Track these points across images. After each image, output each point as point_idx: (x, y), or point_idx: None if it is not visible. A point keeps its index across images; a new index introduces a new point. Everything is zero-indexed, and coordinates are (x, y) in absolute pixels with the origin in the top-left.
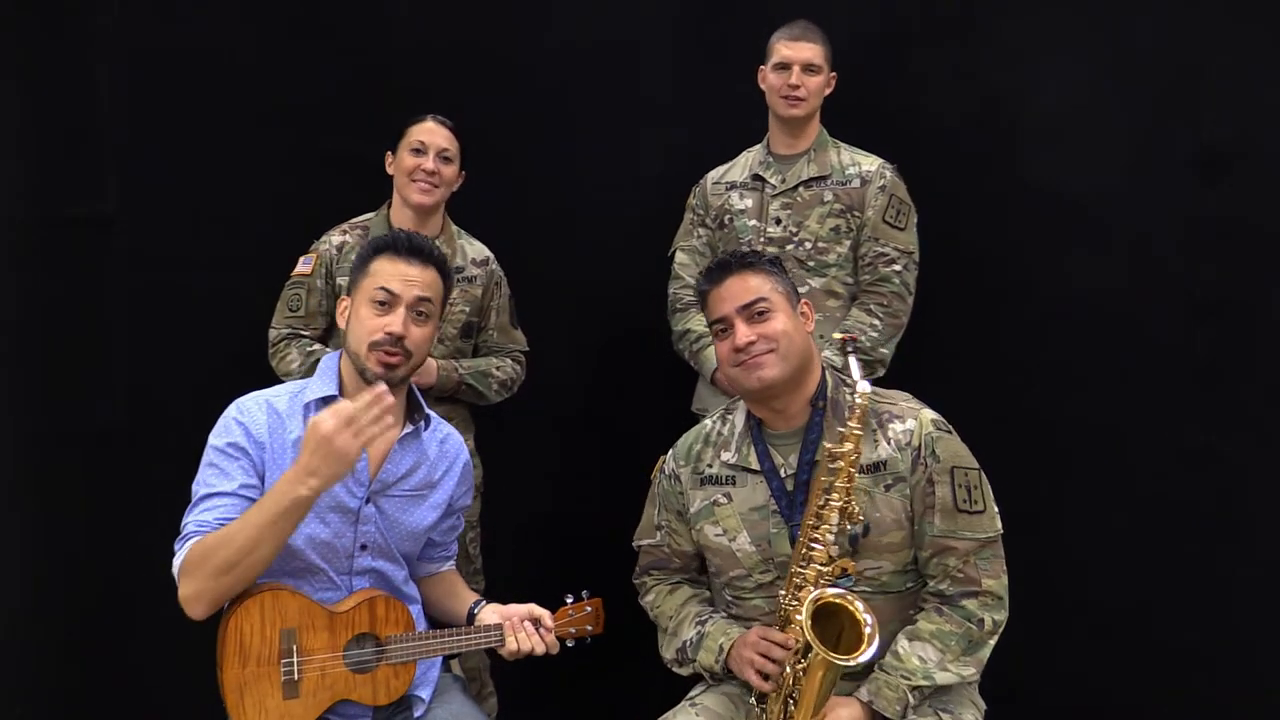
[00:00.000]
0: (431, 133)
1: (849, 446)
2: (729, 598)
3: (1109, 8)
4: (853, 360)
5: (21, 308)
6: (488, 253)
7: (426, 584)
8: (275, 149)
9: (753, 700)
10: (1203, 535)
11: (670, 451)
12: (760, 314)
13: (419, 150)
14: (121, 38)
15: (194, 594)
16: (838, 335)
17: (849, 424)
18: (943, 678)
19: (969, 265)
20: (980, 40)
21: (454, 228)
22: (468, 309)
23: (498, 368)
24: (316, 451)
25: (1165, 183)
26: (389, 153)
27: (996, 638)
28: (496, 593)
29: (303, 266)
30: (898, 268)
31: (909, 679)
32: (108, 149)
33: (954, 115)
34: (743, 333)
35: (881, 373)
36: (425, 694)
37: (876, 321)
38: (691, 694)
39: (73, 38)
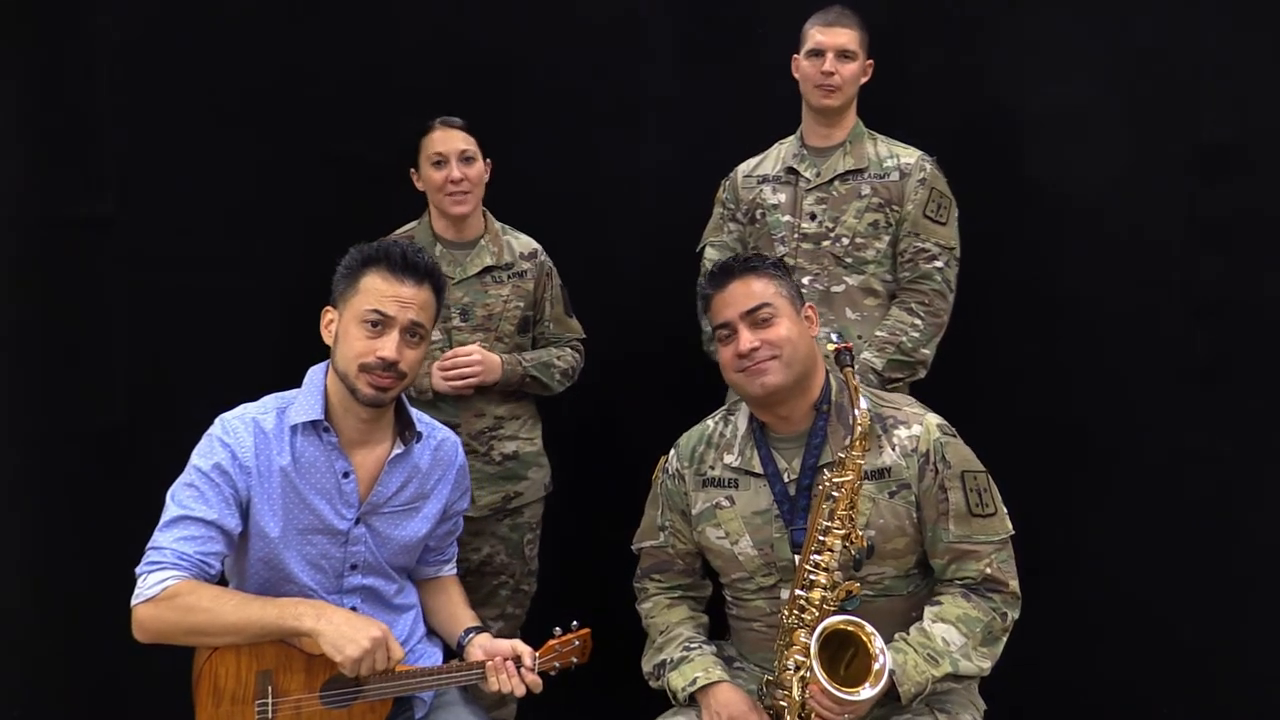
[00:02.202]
0: (445, 140)
1: (850, 476)
2: (730, 598)
3: (1109, 7)
4: (849, 374)
5: (21, 308)
6: (535, 245)
7: (425, 589)
8: (275, 149)
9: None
10: (1202, 535)
11: (673, 451)
12: (764, 320)
13: (439, 162)
14: (121, 38)
15: (150, 629)
16: (831, 347)
17: (851, 452)
18: (966, 667)
19: (968, 265)
20: (980, 40)
21: (497, 225)
22: (522, 304)
23: (558, 357)
24: (347, 624)
25: (1165, 182)
26: (412, 169)
27: (1007, 636)
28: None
29: None
30: (939, 264)
31: (935, 661)
32: (108, 149)
33: (954, 115)
34: (746, 339)
35: (923, 374)
36: (427, 695)
37: (918, 321)
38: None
39: (73, 38)
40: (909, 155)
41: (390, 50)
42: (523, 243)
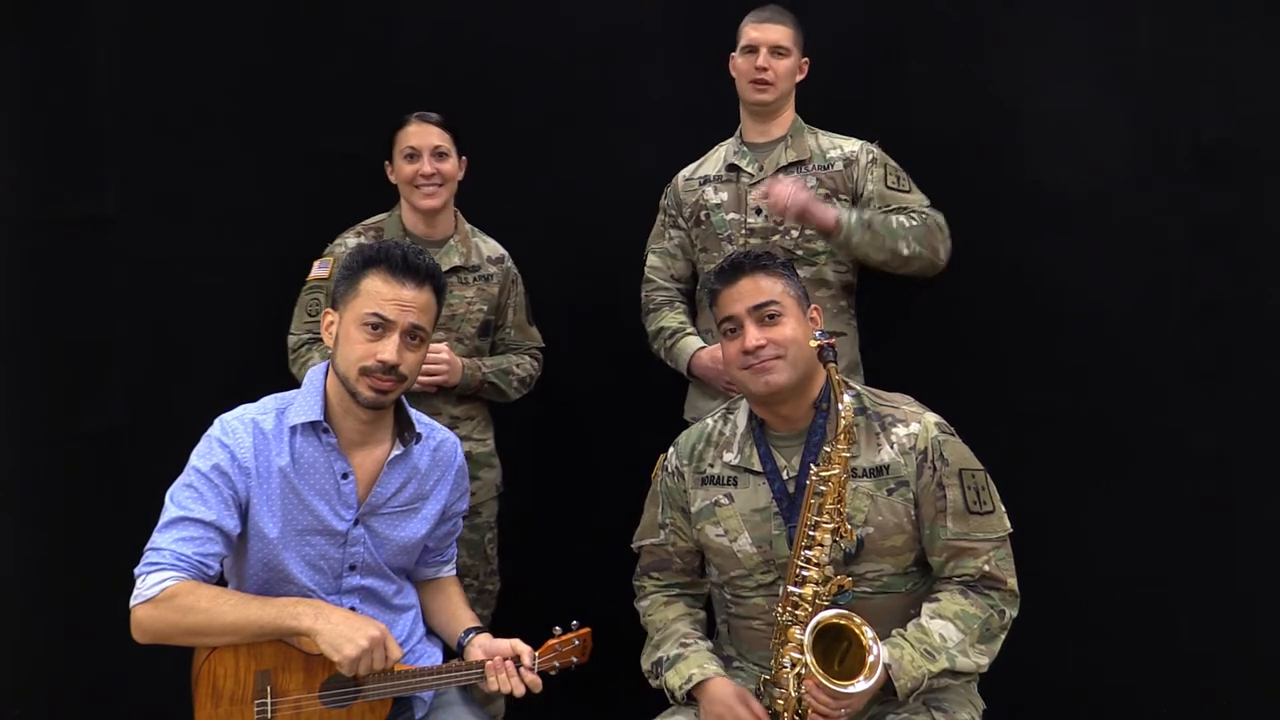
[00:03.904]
0: (419, 134)
1: (836, 470)
2: (728, 597)
3: (1110, 6)
4: (832, 370)
5: (22, 308)
6: (502, 250)
7: (425, 590)
8: (275, 149)
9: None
10: (1203, 535)
11: (672, 449)
12: (771, 317)
13: (412, 155)
14: (121, 37)
15: (149, 629)
16: (813, 344)
17: (836, 445)
18: (963, 663)
19: (967, 265)
20: (981, 39)
21: (468, 226)
22: (485, 307)
23: (517, 365)
24: (345, 623)
25: (1165, 182)
26: (387, 162)
27: (1005, 634)
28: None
29: (319, 270)
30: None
31: (932, 657)
32: (108, 149)
33: (954, 115)
34: (753, 335)
35: (881, 258)
36: (426, 695)
37: (915, 224)
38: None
39: (72, 37)
40: (851, 144)
41: (390, 50)
42: (491, 247)
